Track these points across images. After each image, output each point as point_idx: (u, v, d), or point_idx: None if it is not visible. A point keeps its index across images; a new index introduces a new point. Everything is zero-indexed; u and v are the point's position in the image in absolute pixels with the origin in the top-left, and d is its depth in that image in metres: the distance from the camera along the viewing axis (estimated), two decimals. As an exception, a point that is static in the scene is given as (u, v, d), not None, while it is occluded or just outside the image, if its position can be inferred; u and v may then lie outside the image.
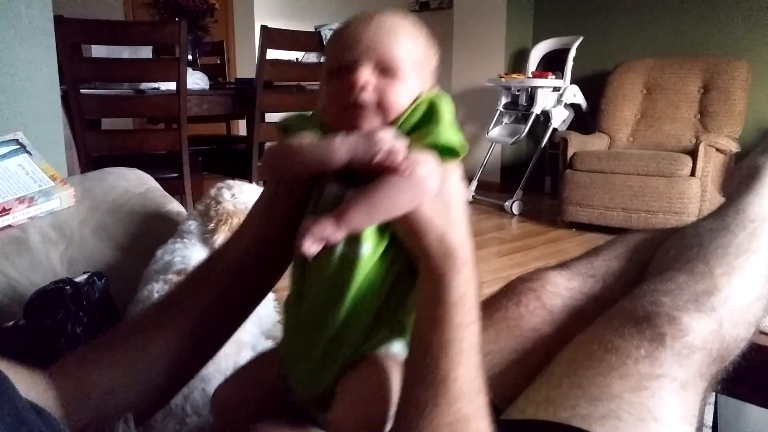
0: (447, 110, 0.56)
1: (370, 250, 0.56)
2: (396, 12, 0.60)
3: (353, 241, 0.55)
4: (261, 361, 0.67)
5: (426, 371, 0.52)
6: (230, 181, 1.16)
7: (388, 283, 0.58)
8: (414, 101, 0.57)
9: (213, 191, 1.13)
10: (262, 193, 0.65)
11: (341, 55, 0.57)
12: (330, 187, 0.57)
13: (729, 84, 3.69)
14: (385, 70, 0.56)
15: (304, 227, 0.52)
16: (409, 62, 0.57)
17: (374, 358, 0.57)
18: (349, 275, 0.56)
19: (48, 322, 0.85)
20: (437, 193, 0.53)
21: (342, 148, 0.53)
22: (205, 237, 1.06)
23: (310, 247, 0.51)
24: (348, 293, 0.56)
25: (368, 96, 0.55)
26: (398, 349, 0.58)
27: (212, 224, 1.07)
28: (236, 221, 1.06)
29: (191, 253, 1.03)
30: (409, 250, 0.56)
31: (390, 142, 0.52)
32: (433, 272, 0.54)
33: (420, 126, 0.56)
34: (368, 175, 0.53)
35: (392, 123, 0.56)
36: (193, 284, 0.65)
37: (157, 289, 0.93)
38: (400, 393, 0.54)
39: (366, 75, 0.55)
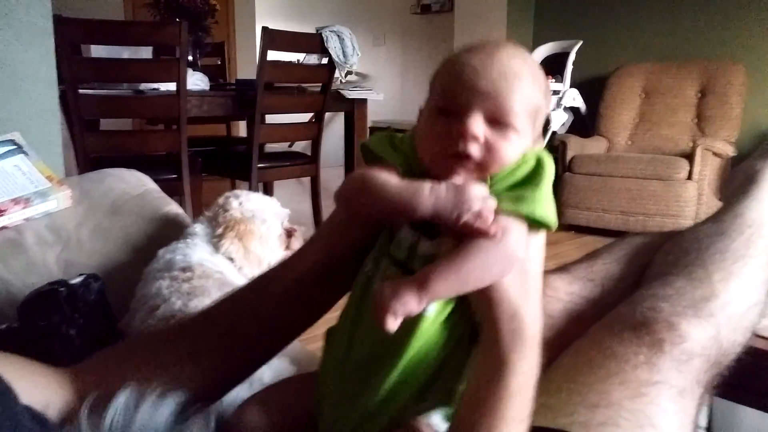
0: (550, 174, 0.52)
1: (435, 310, 0.52)
2: (518, 49, 0.54)
3: None
4: (293, 386, 0.65)
5: None
6: (237, 191, 1.18)
7: (448, 348, 0.53)
8: (520, 158, 0.52)
9: (221, 200, 1.14)
10: (331, 218, 0.62)
11: (453, 94, 0.51)
12: (404, 231, 0.54)
13: (726, 88, 3.70)
14: (500, 122, 0.50)
15: (381, 297, 0.47)
16: (526, 116, 0.51)
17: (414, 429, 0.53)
18: (410, 334, 0.52)
19: (42, 324, 0.84)
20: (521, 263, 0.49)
21: (430, 199, 0.48)
22: (213, 241, 1.08)
23: (391, 323, 0.47)
24: (405, 353, 0.52)
25: (476, 149, 0.50)
26: (439, 419, 0.54)
27: (220, 230, 1.07)
28: (243, 227, 1.08)
29: (192, 252, 1.03)
30: (476, 319, 0.52)
31: (481, 202, 0.47)
32: (497, 350, 0.49)
33: (521, 185, 0.51)
34: (447, 227, 0.49)
35: (488, 178, 0.51)
36: (246, 300, 0.63)
37: (165, 286, 0.92)
38: None
39: (479, 126, 0.50)
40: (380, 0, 6.18)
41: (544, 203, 0.50)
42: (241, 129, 4.71)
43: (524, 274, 0.51)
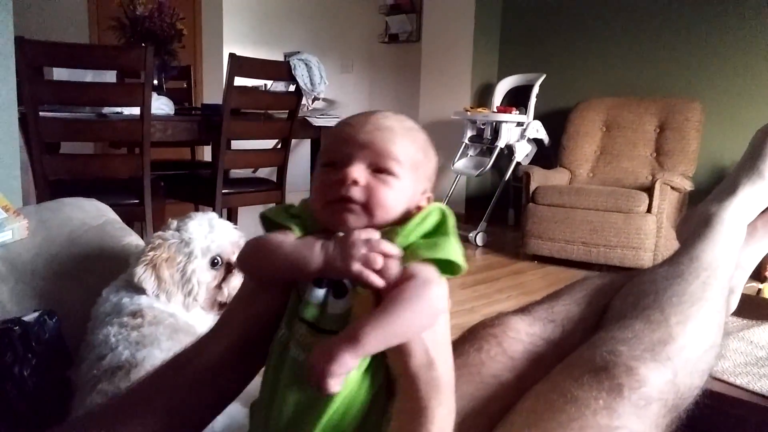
0: (454, 224, 0.56)
1: (355, 369, 0.52)
2: (395, 114, 0.60)
3: None
4: None
5: None
6: (193, 213, 1.11)
7: (370, 396, 0.54)
8: (423, 209, 0.56)
9: (168, 221, 1.10)
10: (241, 289, 0.63)
11: (336, 149, 0.57)
12: (311, 292, 0.55)
13: (683, 124, 3.83)
14: (379, 168, 0.55)
15: (316, 362, 0.48)
16: (403, 163, 0.56)
17: None
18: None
19: (-6, 364, 0.81)
20: None
21: (320, 253, 0.51)
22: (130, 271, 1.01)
23: (333, 385, 0.48)
24: (327, 410, 0.52)
25: (357, 192, 0.54)
26: None
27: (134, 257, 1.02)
28: (157, 254, 1.01)
29: (139, 294, 0.99)
30: (392, 370, 0.53)
31: (365, 246, 0.50)
32: (416, 399, 0.51)
33: (432, 234, 0.55)
34: (353, 283, 0.52)
35: (399, 229, 0.54)
36: (163, 380, 0.61)
37: (113, 333, 0.89)
38: None
39: (358, 171, 0.54)
40: (348, 28, 6.25)
41: (457, 249, 0.54)
42: (206, 153, 4.67)
43: (435, 324, 0.53)
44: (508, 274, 3.60)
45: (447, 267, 0.53)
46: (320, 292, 0.54)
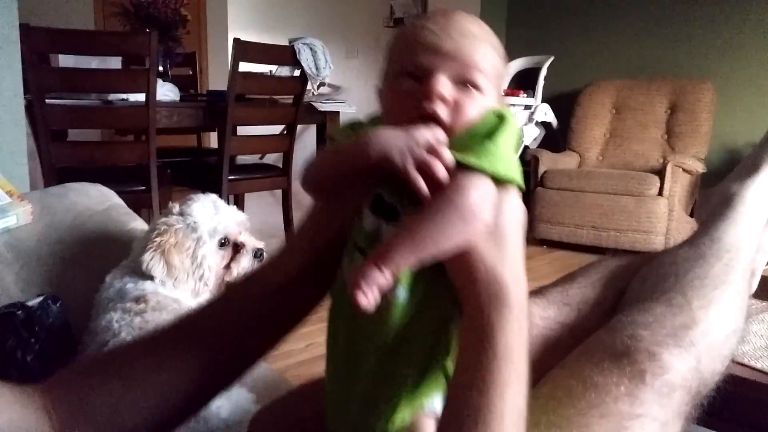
0: (512, 128, 0.50)
1: (406, 294, 0.49)
2: (473, 16, 0.53)
3: None
4: (303, 392, 0.64)
5: None
6: (194, 195, 1.07)
7: (431, 332, 0.50)
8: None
9: (170, 205, 1.07)
10: (308, 215, 0.59)
11: (417, 56, 0.50)
12: (366, 218, 0.52)
13: (695, 105, 3.77)
14: (465, 82, 0.50)
15: (351, 276, 0.47)
16: (489, 74, 0.51)
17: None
18: (383, 322, 0.49)
19: (-3, 350, 0.80)
20: (492, 224, 0.47)
21: (377, 142, 0.46)
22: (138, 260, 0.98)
23: (361, 299, 0.44)
24: (380, 341, 0.50)
25: (444, 111, 0.48)
26: (440, 401, 0.52)
27: (148, 245, 0.98)
28: (165, 239, 0.98)
29: (143, 279, 0.97)
30: (454, 288, 0.49)
31: (432, 142, 0.46)
32: (478, 317, 0.47)
33: (480, 139, 0.48)
34: (407, 208, 0.48)
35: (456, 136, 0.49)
36: (225, 305, 0.60)
37: (116, 318, 0.88)
38: None
39: (445, 85, 0.48)
40: (353, 13, 6.19)
41: (503, 158, 0.47)
42: (212, 140, 4.64)
43: (499, 237, 0.48)
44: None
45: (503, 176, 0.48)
46: (373, 218, 0.51)
